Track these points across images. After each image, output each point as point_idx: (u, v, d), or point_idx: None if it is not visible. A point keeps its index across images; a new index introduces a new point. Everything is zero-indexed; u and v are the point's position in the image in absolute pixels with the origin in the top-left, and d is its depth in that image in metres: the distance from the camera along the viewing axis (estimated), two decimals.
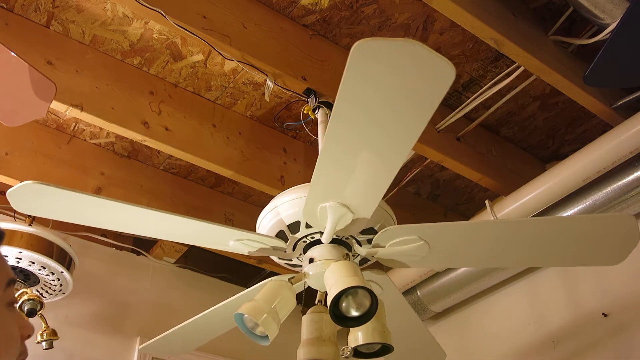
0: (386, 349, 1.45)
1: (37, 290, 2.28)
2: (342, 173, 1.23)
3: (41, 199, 1.32)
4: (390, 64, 0.97)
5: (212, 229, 1.45)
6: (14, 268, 2.17)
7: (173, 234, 1.53)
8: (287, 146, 2.52)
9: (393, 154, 1.16)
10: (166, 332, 1.82)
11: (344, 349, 1.43)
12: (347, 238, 1.51)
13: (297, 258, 1.59)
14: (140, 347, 1.80)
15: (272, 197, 1.57)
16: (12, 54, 1.57)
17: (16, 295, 2.11)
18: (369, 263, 1.61)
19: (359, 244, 1.52)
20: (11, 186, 2.33)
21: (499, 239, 1.44)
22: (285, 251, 1.55)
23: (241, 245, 1.47)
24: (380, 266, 1.64)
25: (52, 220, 2.43)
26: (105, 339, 2.66)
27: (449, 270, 2.69)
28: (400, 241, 1.43)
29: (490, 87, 2.18)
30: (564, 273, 2.57)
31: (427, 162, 2.56)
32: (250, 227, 1.62)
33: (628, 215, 1.39)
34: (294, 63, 1.98)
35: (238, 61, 1.93)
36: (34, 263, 2.16)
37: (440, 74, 0.97)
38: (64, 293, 2.36)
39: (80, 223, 1.46)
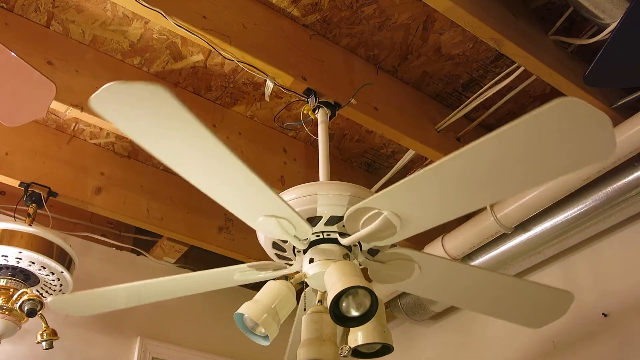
0: (386, 349, 1.45)
1: (37, 290, 2.28)
2: (428, 194, 1.20)
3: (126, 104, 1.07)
4: (559, 121, 0.95)
5: (216, 274, 1.50)
6: (14, 268, 2.17)
7: (186, 290, 1.64)
8: (287, 146, 2.52)
9: (481, 199, 1.17)
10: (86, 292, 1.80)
11: (342, 348, 1.43)
12: (356, 245, 1.51)
13: (295, 253, 1.59)
14: (49, 300, 1.75)
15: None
16: (12, 54, 1.57)
17: (16, 295, 2.12)
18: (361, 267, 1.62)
19: (360, 249, 1.52)
20: (11, 186, 2.35)
21: (474, 285, 1.54)
22: (285, 251, 1.55)
23: (246, 275, 1.52)
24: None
25: (52, 220, 2.43)
26: (105, 339, 2.66)
27: None
28: (399, 262, 1.45)
29: (490, 87, 2.18)
30: (564, 273, 2.57)
31: (427, 162, 2.56)
32: (250, 227, 1.62)
33: (568, 293, 1.56)
34: (294, 63, 1.98)
35: (238, 61, 1.93)
36: (34, 263, 2.16)
37: (598, 135, 0.95)
38: (64, 293, 2.35)
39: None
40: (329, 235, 1.48)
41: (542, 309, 1.62)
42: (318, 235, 1.50)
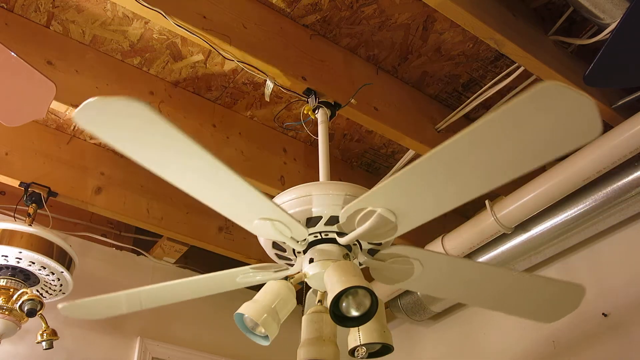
0: (386, 349, 1.45)
1: (37, 290, 2.28)
2: (418, 188, 1.20)
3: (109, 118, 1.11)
4: (542, 106, 0.95)
5: (218, 277, 1.52)
6: (14, 268, 2.17)
7: (191, 294, 1.67)
8: (287, 146, 2.52)
9: (474, 190, 1.16)
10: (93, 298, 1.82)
11: (358, 351, 1.43)
12: (354, 244, 1.51)
13: (295, 254, 1.59)
14: (60, 306, 1.77)
15: (272, 197, 1.57)
16: (12, 54, 1.57)
17: (16, 295, 2.12)
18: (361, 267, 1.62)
19: (360, 248, 1.52)
20: (11, 186, 2.35)
21: (479, 280, 1.52)
22: (285, 251, 1.55)
23: (248, 278, 1.52)
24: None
25: (52, 220, 2.43)
26: (105, 339, 2.66)
27: None
28: (401, 260, 1.45)
29: (490, 87, 2.18)
30: (564, 273, 2.57)
31: None
32: None
33: (579, 286, 1.53)
34: (294, 63, 1.98)
35: (238, 61, 1.93)
36: (34, 263, 2.16)
37: (583, 117, 0.95)
38: (64, 293, 2.35)
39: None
40: (327, 235, 1.48)
41: (553, 303, 1.59)
42: (316, 236, 1.50)
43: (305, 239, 1.49)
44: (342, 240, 1.44)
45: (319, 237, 1.50)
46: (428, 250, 1.50)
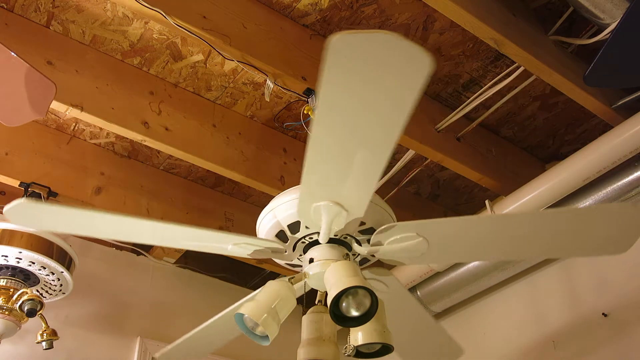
0: (386, 349, 1.45)
1: (37, 290, 2.28)
2: (331, 171, 1.23)
3: (37, 215, 1.34)
4: (368, 57, 0.97)
5: (210, 235, 1.44)
6: (14, 268, 2.17)
7: (171, 240, 1.54)
8: (287, 146, 2.52)
9: (378, 149, 1.16)
10: (183, 338, 1.84)
11: (346, 347, 1.43)
12: (345, 237, 1.51)
13: (298, 258, 1.59)
14: (158, 355, 1.83)
15: (272, 197, 1.57)
16: (12, 54, 1.57)
17: (16, 295, 2.12)
18: (369, 263, 1.61)
19: (359, 243, 1.52)
20: (11, 186, 2.35)
21: (498, 232, 1.43)
22: (285, 252, 1.55)
23: (239, 248, 1.48)
24: (384, 265, 1.64)
25: None
26: (105, 339, 2.66)
27: (449, 270, 2.69)
28: (399, 238, 1.42)
29: (490, 87, 2.18)
30: (564, 273, 2.57)
31: (427, 162, 2.56)
32: (251, 227, 1.62)
33: (630, 205, 1.38)
34: (294, 63, 1.98)
35: (238, 61, 1.93)
36: (34, 263, 2.16)
37: (417, 63, 0.97)
38: (64, 293, 2.36)
39: (79, 234, 1.47)
40: (312, 237, 1.49)
41: (617, 231, 1.42)
42: (304, 241, 1.52)
43: (294, 244, 1.51)
44: (320, 238, 1.45)
45: (306, 241, 1.52)
46: (421, 220, 1.41)
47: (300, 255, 1.56)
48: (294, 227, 1.49)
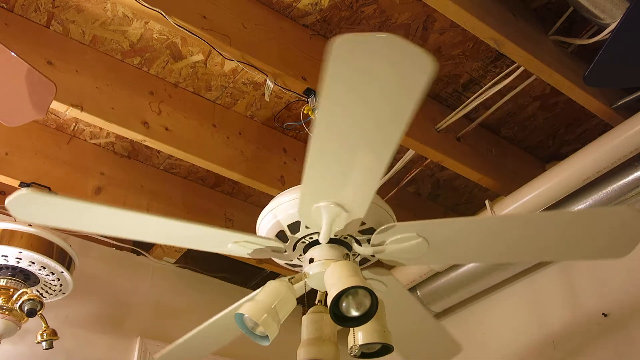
0: (386, 349, 1.45)
1: (37, 290, 2.28)
2: (332, 172, 1.23)
3: (39, 207, 1.32)
4: (370, 59, 0.97)
5: (210, 232, 1.44)
6: (14, 268, 2.17)
7: (171, 237, 1.52)
8: (287, 146, 2.52)
9: (380, 150, 1.16)
10: (183, 338, 1.83)
11: (352, 347, 1.43)
12: (346, 238, 1.51)
13: (298, 258, 1.59)
14: (158, 355, 1.82)
15: (272, 197, 1.58)
16: (12, 54, 1.57)
17: (16, 295, 2.11)
18: (369, 263, 1.61)
19: (359, 243, 1.52)
20: (11, 186, 2.35)
21: (498, 234, 1.43)
22: (285, 252, 1.55)
23: (239, 247, 1.47)
24: (383, 265, 1.64)
25: None
26: (105, 339, 2.66)
27: (449, 270, 2.69)
28: (399, 239, 1.42)
29: (490, 87, 2.18)
30: (564, 273, 2.57)
31: (427, 162, 2.56)
32: (251, 227, 1.62)
33: (631, 209, 1.35)
34: (294, 63, 1.98)
35: (238, 61, 1.93)
36: (34, 263, 2.16)
37: (419, 65, 0.97)
38: (64, 293, 2.35)
39: (79, 229, 1.46)
40: (312, 238, 1.49)
41: (618, 235, 1.40)
42: (304, 241, 1.52)
43: (294, 244, 1.51)
44: (321, 239, 1.45)
45: (306, 241, 1.51)
46: (421, 221, 1.41)
47: (300, 255, 1.56)
48: (294, 227, 1.49)
